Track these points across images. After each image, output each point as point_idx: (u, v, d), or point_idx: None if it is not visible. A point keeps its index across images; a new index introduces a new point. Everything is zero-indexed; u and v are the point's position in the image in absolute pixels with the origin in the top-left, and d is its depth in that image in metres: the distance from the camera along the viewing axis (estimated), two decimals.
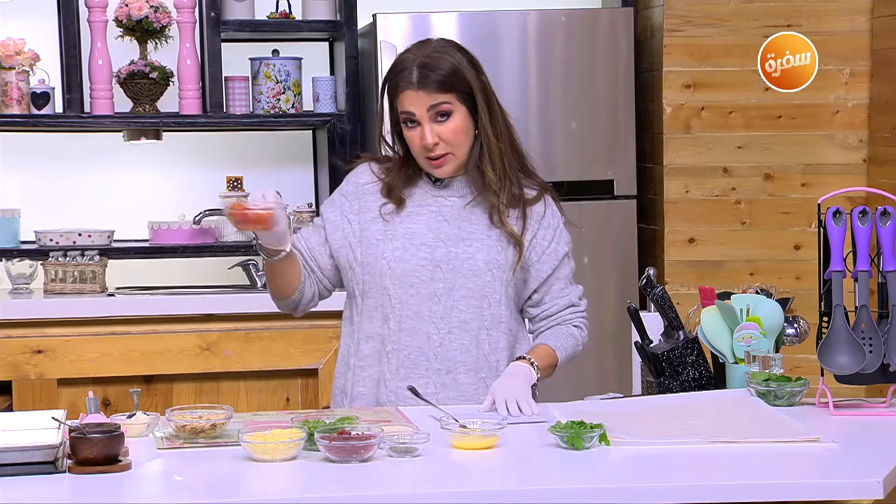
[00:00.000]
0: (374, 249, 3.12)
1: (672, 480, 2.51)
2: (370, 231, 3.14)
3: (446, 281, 3.10)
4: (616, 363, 5.03)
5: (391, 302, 3.10)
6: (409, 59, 3.09)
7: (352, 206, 3.18)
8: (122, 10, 5.02)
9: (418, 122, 3.07)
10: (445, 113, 3.07)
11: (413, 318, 3.10)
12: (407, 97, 3.07)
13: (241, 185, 5.20)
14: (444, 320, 3.10)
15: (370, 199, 3.17)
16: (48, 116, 5.03)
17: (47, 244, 5.03)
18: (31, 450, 2.48)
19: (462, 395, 3.11)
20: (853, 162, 5.21)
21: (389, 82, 3.11)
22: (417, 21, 4.99)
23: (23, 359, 4.63)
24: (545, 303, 3.20)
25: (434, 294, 3.10)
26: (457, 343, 3.10)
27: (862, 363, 2.93)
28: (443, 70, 3.06)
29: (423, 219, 3.14)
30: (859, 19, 5.18)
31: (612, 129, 5.14)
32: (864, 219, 2.95)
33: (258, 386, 4.78)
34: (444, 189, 3.16)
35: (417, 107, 3.06)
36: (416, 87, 3.05)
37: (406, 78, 3.07)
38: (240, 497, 2.41)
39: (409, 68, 3.07)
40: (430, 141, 3.06)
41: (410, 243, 3.11)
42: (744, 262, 5.20)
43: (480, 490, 2.44)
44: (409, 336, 3.10)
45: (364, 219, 3.15)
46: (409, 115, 3.08)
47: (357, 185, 3.20)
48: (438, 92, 3.05)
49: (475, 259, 3.11)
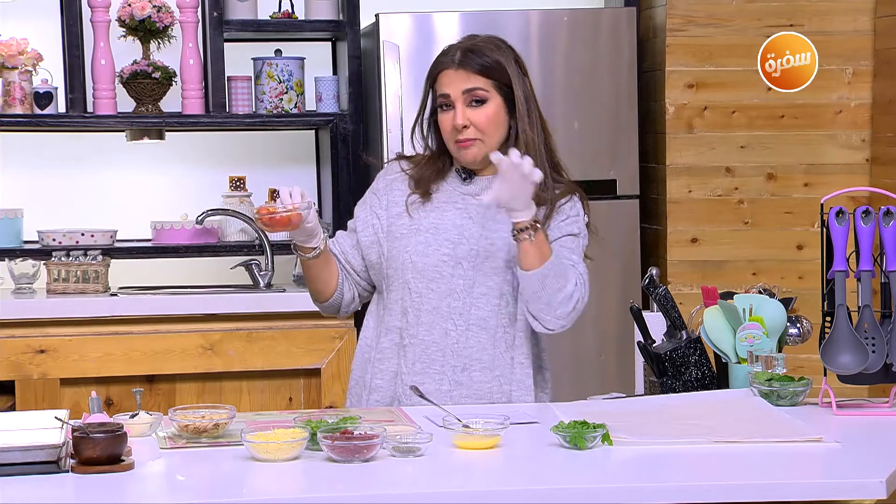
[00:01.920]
0: (398, 243, 3.14)
1: (675, 480, 2.51)
2: (396, 225, 3.16)
3: (466, 278, 3.11)
4: (619, 363, 5.02)
5: (411, 295, 3.11)
6: (456, 45, 3.14)
7: (381, 202, 3.20)
8: (125, 9, 5.02)
9: (452, 104, 3.09)
10: (481, 100, 3.09)
11: (431, 313, 3.10)
12: (445, 77, 3.10)
13: (243, 185, 5.21)
14: (463, 317, 3.10)
15: (397, 194, 3.19)
16: (51, 116, 5.03)
17: (50, 244, 5.04)
18: (33, 449, 2.49)
19: (476, 394, 3.11)
20: (856, 162, 5.21)
21: (432, 68, 3.15)
22: (420, 21, 4.99)
23: (25, 358, 4.63)
24: None
25: (454, 290, 3.10)
26: (474, 340, 3.11)
27: (865, 363, 2.93)
28: (486, 57, 3.10)
29: (449, 214, 3.15)
30: (862, 19, 5.17)
31: (614, 129, 5.14)
32: (867, 218, 2.95)
33: (261, 386, 4.78)
34: (471, 186, 3.17)
35: (454, 87, 3.09)
36: (456, 66, 3.09)
37: (448, 59, 3.11)
38: (242, 497, 2.41)
39: (454, 51, 3.12)
40: (461, 121, 3.08)
41: (434, 238, 3.12)
42: (746, 262, 5.20)
43: (483, 490, 2.44)
44: (426, 330, 3.10)
45: (391, 213, 3.18)
46: (444, 98, 3.10)
47: (387, 180, 3.23)
48: (477, 75, 3.09)
49: (497, 258, 3.11)
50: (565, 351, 4.87)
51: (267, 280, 5.04)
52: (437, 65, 3.14)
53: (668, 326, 3.32)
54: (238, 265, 5.10)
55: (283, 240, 5.15)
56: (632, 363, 3.66)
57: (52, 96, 5.03)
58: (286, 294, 4.87)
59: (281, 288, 5.01)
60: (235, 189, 5.19)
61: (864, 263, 2.95)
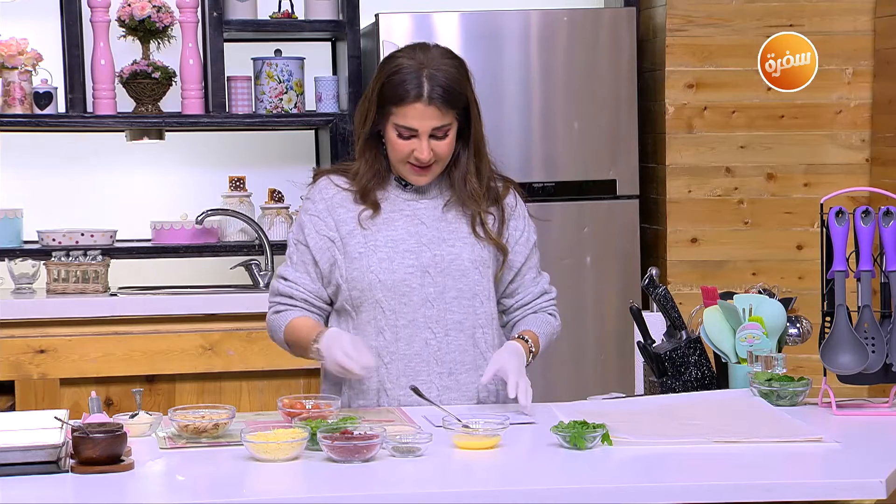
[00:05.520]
0: (357, 263, 3.06)
1: (675, 480, 2.51)
2: (350, 245, 3.07)
3: (436, 284, 3.08)
4: (618, 363, 5.02)
5: (385, 314, 3.06)
6: (414, 67, 2.99)
7: (327, 223, 3.09)
8: (125, 9, 5.02)
9: (416, 136, 3.01)
10: (447, 132, 3.03)
11: (409, 326, 3.07)
12: (414, 111, 2.98)
13: (243, 184, 5.21)
14: (440, 323, 3.08)
15: (341, 212, 3.09)
16: (51, 116, 5.03)
17: (50, 244, 5.03)
18: (33, 449, 2.49)
19: (465, 395, 3.11)
20: (856, 162, 5.21)
21: (391, 90, 3.00)
22: (420, 21, 4.99)
23: (25, 359, 4.63)
24: (519, 293, 3.19)
25: (426, 299, 3.07)
26: (454, 344, 3.10)
27: (864, 363, 2.93)
28: (452, 86, 2.99)
29: (400, 223, 3.09)
30: (862, 19, 5.17)
31: (614, 129, 5.14)
32: (867, 219, 2.95)
33: (260, 386, 4.77)
34: (413, 192, 3.12)
35: (423, 124, 2.99)
36: (427, 102, 2.97)
37: (415, 90, 2.97)
38: (242, 497, 2.41)
39: (418, 79, 2.98)
40: (427, 157, 3.02)
41: (395, 252, 3.06)
42: (746, 262, 5.20)
43: (483, 490, 2.44)
44: (406, 345, 3.07)
45: (343, 233, 3.08)
46: (409, 131, 3.00)
47: (324, 199, 3.11)
48: (447, 109, 2.99)
49: (461, 259, 3.09)
50: (565, 351, 4.87)
51: (267, 280, 5.03)
52: (403, 94, 2.97)
53: (668, 326, 3.32)
54: (238, 265, 5.10)
55: (283, 240, 5.16)
56: (632, 363, 3.66)
57: (51, 96, 5.03)
58: None
59: None
60: (235, 189, 5.19)
61: (863, 263, 2.95)
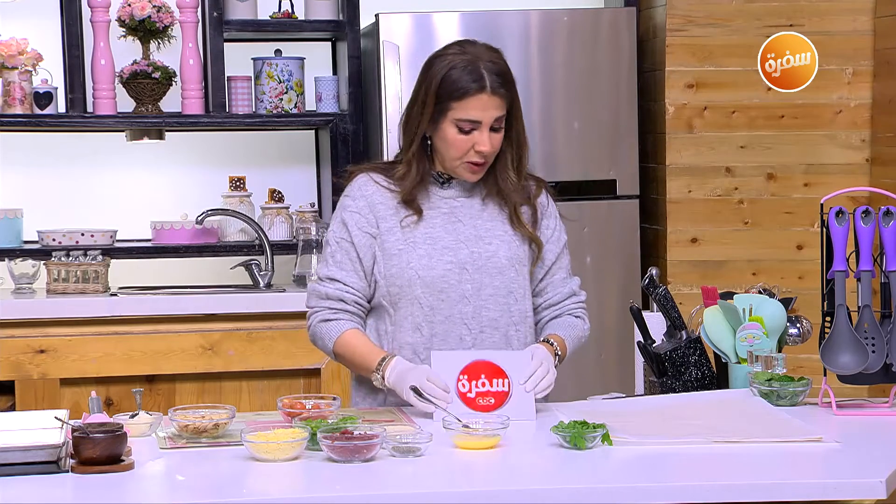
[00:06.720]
0: (396, 260, 3.08)
1: (675, 480, 2.51)
2: (389, 242, 3.10)
3: (473, 281, 3.09)
4: (618, 363, 5.03)
5: (423, 310, 3.08)
6: (469, 60, 3.01)
7: (369, 221, 3.11)
8: (125, 9, 5.02)
9: (477, 128, 3.02)
10: (503, 123, 3.05)
11: (445, 323, 3.08)
12: (478, 102, 2.99)
13: (243, 184, 5.21)
14: (475, 320, 3.09)
15: (381, 209, 3.11)
16: (51, 116, 5.03)
17: (50, 244, 5.04)
18: (33, 449, 2.49)
19: None
20: (856, 162, 5.21)
21: (451, 85, 3.00)
22: (420, 21, 4.99)
23: (25, 358, 4.63)
24: (548, 292, 3.20)
25: (463, 296, 3.09)
26: (488, 342, 3.10)
27: (865, 363, 2.93)
28: (508, 76, 3.03)
29: (439, 221, 3.11)
30: (862, 19, 5.17)
31: (614, 129, 5.14)
32: (867, 218, 2.95)
33: (260, 386, 4.78)
34: (449, 189, 3.14)
35: (487, 114, 3.00)
36: (491, 92, 2.99)
37: (478, 82, 2.99)
38: (242, 497, 2.41)
39: (478, 72, 3.00)
40: (489, 149, 3.03)
41: (433, 248, 3.09)
42: (746, 262, 5.20)
43: (483, 490, 2.44)
44: (441, 341, 3.08)
45: (382, 230, 3.11)
46: (472, 123, 3.01)
47: (364, 196, 3.13)
48: (506, 99, 3.02)
49: (498, 256, 3.11)
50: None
51: (267, 280, 5.03)
52: (466, 87, 2.99)
53: (668, 326, 3.32)
54: (238, 265, 5.10)
55: (283, 240, 5.16)
56: (632, 363, 3.66)
57: (51, 96, 5.03)
58: (286, 294, 4.87)
59: (281, 288, 5.01)
60: (235, 189, 5.19)
61: (863, 263, 2.95)
